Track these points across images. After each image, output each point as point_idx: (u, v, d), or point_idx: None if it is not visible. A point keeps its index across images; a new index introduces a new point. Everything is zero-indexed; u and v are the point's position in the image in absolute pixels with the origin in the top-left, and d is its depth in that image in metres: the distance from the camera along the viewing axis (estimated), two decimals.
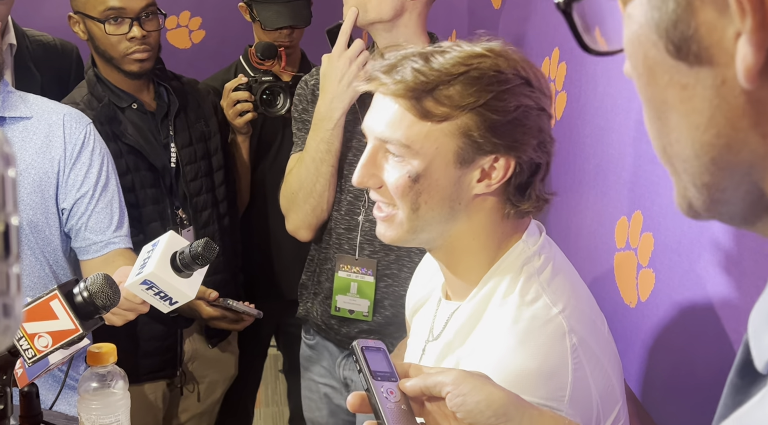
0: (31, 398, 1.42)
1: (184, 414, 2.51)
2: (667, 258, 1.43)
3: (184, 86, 2.41)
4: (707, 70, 0.47)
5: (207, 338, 2.46)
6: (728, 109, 0.47)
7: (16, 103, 1.89)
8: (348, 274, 2.00)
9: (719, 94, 0.47)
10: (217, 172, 2.43)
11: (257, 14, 2.61)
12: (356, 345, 1.02)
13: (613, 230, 1.64)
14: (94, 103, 2.22)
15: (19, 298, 0.48)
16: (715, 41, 0.46)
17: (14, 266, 0.47)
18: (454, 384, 0.94)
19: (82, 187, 1.91)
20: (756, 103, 0.46)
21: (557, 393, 1.11)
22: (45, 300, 1.27)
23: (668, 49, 0.48)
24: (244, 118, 2.51)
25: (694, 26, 0.47)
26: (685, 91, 0.49)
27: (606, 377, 1.18)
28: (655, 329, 1.49)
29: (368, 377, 0.97)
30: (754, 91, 0.46)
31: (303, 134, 2.06)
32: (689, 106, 0.49)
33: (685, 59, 0.48)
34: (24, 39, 2.53)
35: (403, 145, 1.19)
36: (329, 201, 1.99)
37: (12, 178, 0.46)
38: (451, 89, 1.16)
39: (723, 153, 0.49)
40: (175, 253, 1.44)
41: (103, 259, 1.92)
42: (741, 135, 0.47)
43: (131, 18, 2.18)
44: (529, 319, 1.17)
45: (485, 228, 1.24)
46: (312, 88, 2.07)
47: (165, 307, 1.47)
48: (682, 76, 0.49)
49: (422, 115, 1.17)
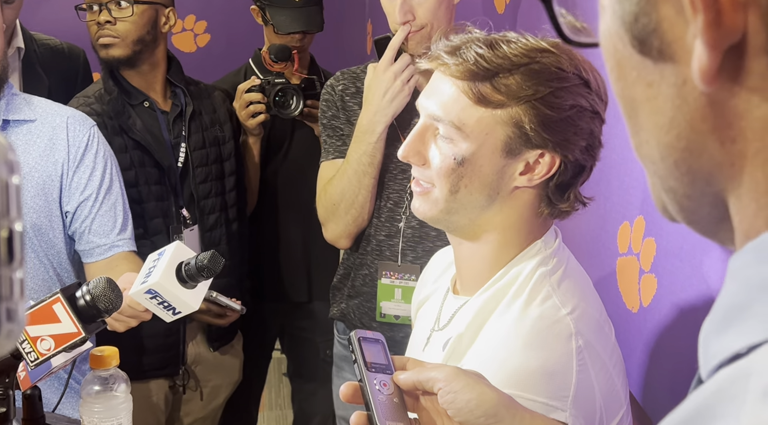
0: (34, 401, 1.42)
1: (186, 418, 2.51)
2: (669, 264, 1.44)
3: (201, 91, 2.45)
4: (670, 67, 0.45)
5: (209, 342, 2.46)
6: (688, 110, 0.45)
7: (20, 106, 1.89)
8: (392, 281, 2.02)
9: (680, 94, 0.45)
10: (229, 177, 2.45)
11: (270, 18, 2.62)
12: (353, 335, 1.01)
13: (616, 235, 1.64)
14: (105, 97, 2.26)
15: (22, 303, 0.48)
16: (677, 38, 0.44)
17: (18, 271, 0.47)
18: (446, 381, 0.93)
19: (86, 189, 1.92)
20: (715, 106, 0.44)
21: (561, 392, 1.11)
22: (48, 304, 1.28)
23: (633, 43, 0.46)
24: (256, 120, 2.53)
25: (656, 20, 0.45)
26: (650, 89, 0.47)
27: (610, 381, 1.18)
28: (657, 334, 1.49)
29: (362, 367, 0.96)
30: (713, 93, 0.43)
31: (334, 141, 2.07)
32: (654, 104, 0.47)
33: (649, 55, 0.46)
34: (32, 43, 2.54)
35: (454, 127, 1.18)
36: (370, 211, 2.01)
37: (16, 185, 0.47)
38: (510, 78, 1.15)
39: (685, 156, 0.47)
40: (180, 264, 1.44)
41: (107, 262, 1.93)
42: (701, 138, 0.45)
43: (100, 4, 2.25)
44: (537, 319, 1.17)
45: (515, 224, 1.24)
46: (340, 93, 2.07)
47: (168, 317, 1.47)
48: (648, 73, 0.47)
49: (477, 100, 1.17)
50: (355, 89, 2.08)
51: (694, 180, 0.47)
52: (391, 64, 1.90)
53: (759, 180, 0.44)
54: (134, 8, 2.26)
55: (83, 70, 2.67)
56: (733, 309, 0.43)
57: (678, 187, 0.49)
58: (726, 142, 0.44)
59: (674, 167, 0.48)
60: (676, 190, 0.49)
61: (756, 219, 0.45)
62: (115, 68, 2.29)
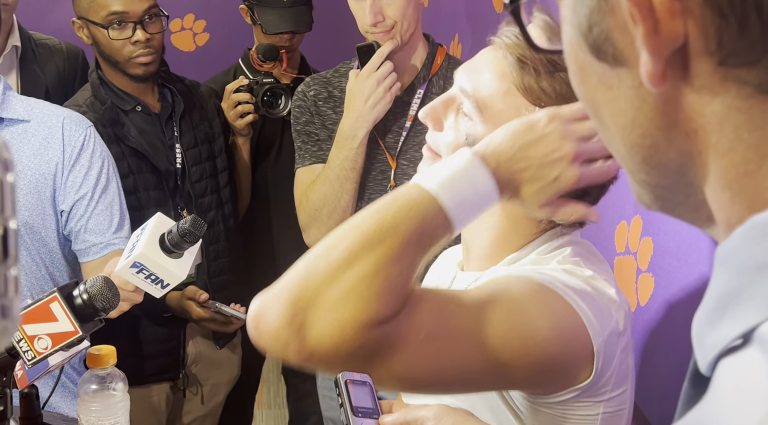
0: (31, 399, 1.42)
1: (187, 416, 2.51)
2: (666, 263, 1.44)
3: (188, 88, 2.42)
4: (626, 71, 0.47)
5: (215, 339, 2.47)
6: (648, 109, 0.47)
7: (14, 105, 1.89)
8: None
9: (638, 95, 0.47)
10: (222, 174, 2.44)
11: (258, 17, 2.61)
12: (340, 377, 1.00)
13: (613, 234, 1.64)
14: (97, 105, 2.22)
15: (17, 300, 0.48)
16: (627, 44, 0.46)
17: (12, 268, 0.47)
18: (435, 419, 0.93)
19: (81, 188, 1.91)
20: (672, 103, 0.46)
21: (576, 291, 1.05)
22: (45, 303, 1.28)
23: (590, 50, 0.49)
24: (245, 120, 2.51)
25: (607, 30, 0.47)
26: (610, 92, 0.49)
27: (627, 344, 1.13)
28: (654, 333, 1.49)
29: (348, 412, 0.96)
30: (667, 92, 0.46)
31: (309, 147, 2.08)
32: (615, 106, 0.49)
33: (605, 60, 0.48)
34: (30, 42, 2.54)
35: (477, 107, 1.15)
36: (351, 215, 2.01)
37: (11, 183, 0.47)
38: (559, 79, 1.11)
39: (652, 153, 0.49)
40: (163, 234, 1.43)
41: (103, 261, 1.92)
42: (665, 134, 0.47)
43: (134, 22, 2.18)
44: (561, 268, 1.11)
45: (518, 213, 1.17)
46: (313, 98, 2.09)
47: (157, 292, 1.46)
48: (607, 78, 0.49)
49: (523, 89, 1.13)
50: (327, 94, 2.09)
51: (665, 172, 0.49)
52: (375, 71, 1.94)
53: (726, 167, 0.46)
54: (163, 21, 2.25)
55: (81, 70, 2.66)
56: (725, 297, 0.44)
57: (650, 180, 0.51)
58: (690, 133, 0.46)
59: (643, 163, 0.50)
60: (648, 182, 0.51)
61: (733, 205, 0.46)
62: (138, 80, 2.26)
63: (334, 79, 2.11)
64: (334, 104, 2.08)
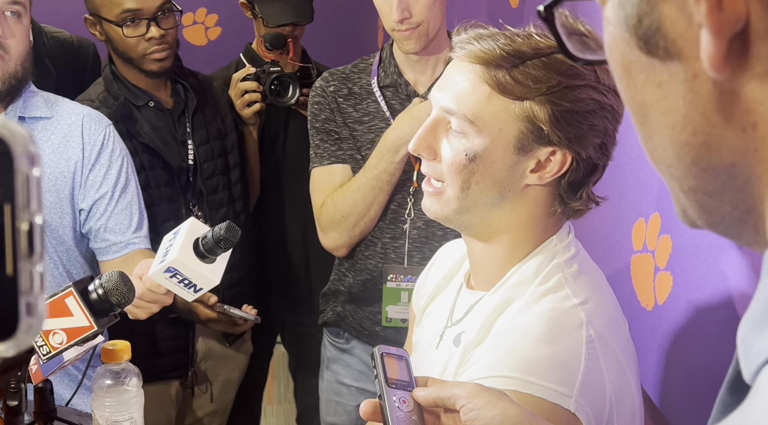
0: (45, 394, 1.42)
1: (197, 413, 2.52)
2: (685, 261, 1.42)
3: (201, 83, 2.41)
4: (678, 64, 0.46)
5: (225, 336, 2.46)
6: (702, 103, 0.45)
7: (37, 104, 1.89)
8: (398, 284, 2.00)
9: (692, 89, 0.46)
10: (234, 170, 2.43)
11: (259, 11, 2.59)
12: (377, 350, 1.00)
13: (631, 232, 1.63)
14: (110, 100, 2.21)
15: (42, 297, 0.47)
16: (681, 33, 0.45)
17: (38, 265, 0.46)
18: (469, 398, 0.92)
19: (101, 188, 1.91)
20: (729, 95, 0.44)
21: (568, 380, 1.10)
22: (60, 297, 1.27)
23: (639, 45, 0.47)
24: (252, 109, 2.50)
25: (658, 20, 0.46)
26: (660, 89, 0.47)
27: (623, 375, 1.16)
28: (672, 333, 1.48)
29: (383, 383, 0.95)
30: (725, 83, 0.44)
31: (328, 145, 2.05)
32: (665, 104, 0.48)
33: (656, 55, 0.47)
34: (41, 35, 2.53)
35: (467, 120, 1.17)
36: (376, 224, 2.01)
37: (37, 177, 0.46)
38: (529, 69, 1.14)
39: (702, 152, 0.47)
40: (197, 239, 1.42)
41: (123, 260, 1.92)
42: (718, 131, 0.45)
43: (148, 18, 2.17)
44: (549, 310, 1.16)
45: (527, 222, 1.22)
46: (333, 95, 2.05)
47: (189, 295, 1.45)
48: (656, 74, 0.47)
49: (495, 86, 1.15)
50: (348, 90, 2.06)
51: (715, 174, 0.47)
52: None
53: None
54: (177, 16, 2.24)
55: (92, 64, 2.66)
56: None
57: (698, 185, 0.49)
58: (747, 128, 0.44)
59: (692, 165, 0.48)
60: (696, 189, 0.49)
61: None
62: (152, 76, 2.25)
63: (353, 75, 2.07)
64: (355, 101, 2.04)
